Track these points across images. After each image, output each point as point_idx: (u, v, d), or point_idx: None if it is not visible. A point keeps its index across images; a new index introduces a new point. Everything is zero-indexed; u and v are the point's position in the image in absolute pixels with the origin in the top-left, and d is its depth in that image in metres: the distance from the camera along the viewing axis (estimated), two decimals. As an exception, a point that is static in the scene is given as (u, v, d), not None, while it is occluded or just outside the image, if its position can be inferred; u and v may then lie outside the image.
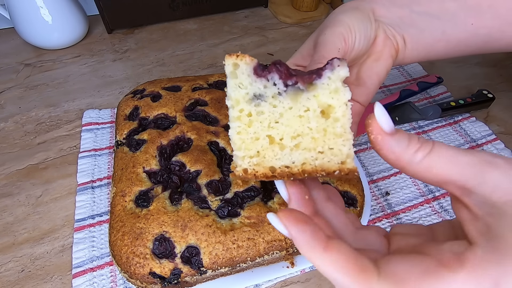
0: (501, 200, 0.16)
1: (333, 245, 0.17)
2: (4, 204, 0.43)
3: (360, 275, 0.16)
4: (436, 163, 0.17)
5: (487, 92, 0.57)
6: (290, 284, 0.38)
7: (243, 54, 0.19)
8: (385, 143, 0.18)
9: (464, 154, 0.17)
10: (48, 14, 0.59)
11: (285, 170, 0.19)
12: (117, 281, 0.37)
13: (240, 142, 0.19)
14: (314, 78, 0.19)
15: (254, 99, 0.19)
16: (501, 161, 0.17)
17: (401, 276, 0.16)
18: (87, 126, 0.51)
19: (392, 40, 0.33)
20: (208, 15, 0.77)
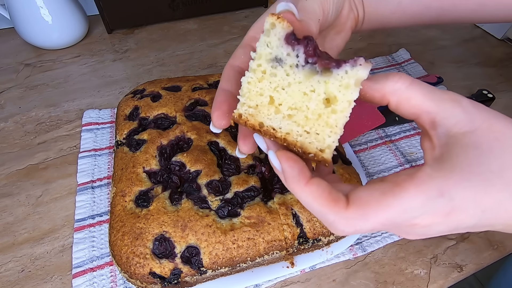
0: (460, 131, 0.19)
1: (314, 181, 0.20)
2: (4, 204, 0.43)
3: (331, 203, 0.20)
4: (415, 95, 0.20)
5: (487, 92, 0.57)
6: (290, 284, 0.38)
7: (284, 18, 0.20)
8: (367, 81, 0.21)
9: (437, 91, 0.20)
10: (48, 14, 0.59)
11: (270, 130, 0.21)
12: (117, 281, 0.37)
13: (247, 91, 0.21)
14: (333, 66, 0.19)
15: (274, 60, 0.20)
16: (465, 101, 0.20)
17: (364, 199, 0.19)
18: (87, 126, 0.51)
19: (354, 12, 0.33)
20: (208, 15, 0.77)
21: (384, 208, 0.19)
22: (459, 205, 0.18)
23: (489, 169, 0.18)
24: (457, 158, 0.19)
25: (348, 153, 0.48)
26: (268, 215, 0.35)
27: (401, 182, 0.19)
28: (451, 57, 0.70)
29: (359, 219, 0.19)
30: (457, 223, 0.19)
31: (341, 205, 0.20)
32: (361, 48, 0.71)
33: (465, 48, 0.72)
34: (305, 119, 0.20)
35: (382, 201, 0.19)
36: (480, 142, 0.19)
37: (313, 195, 0.20)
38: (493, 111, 0.20)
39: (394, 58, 0.68)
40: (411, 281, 0.38)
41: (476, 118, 0.19)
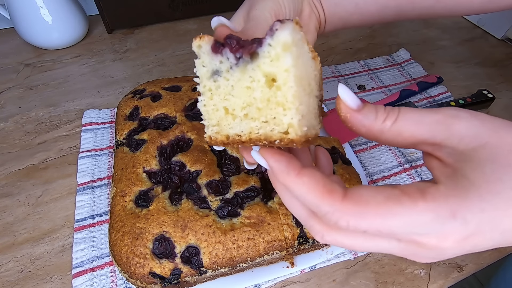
0: (468, 147, 0.17)
1: (306, 171, 0.19)
2: (4, 204, 0.43)
3: (326, 195, 0.18)
4: (404, 127, 0.19)
5: (487, 92, 0.57)
6: (290, 284, 0.38)
7: (205, 34, 0.20)
8: (355, 119, 0.19)
9: (429, 113, 0.18)
10: (48, 14, 0.59)
11: (236, 138, 0.21)
12: (117, 281, 0.37)
13: (206, 113, 0.21)
14: (256, 47, 0.18)
15: (213, 74, 0.20)
16: (464, 114, 0.18)
17: (365, 198, 0.17)
18: (87, 126, 0.51)
19: (315, 13, 0.33)
20: (208, 15, 0.77)
21: (385, 212, 0.17)
22: (475, 229, 0.17)
23: (509, 186, 0.16)
24: (473, 174, 0.17)
25: (348, 153, 0.48)
26: (268, 215, 0.35)
27: (411, 193, 0.17)
28: (451, 57, 0.70)
29: (354, 215, 0.17)
30: (472, 246, 0.18)
31: (337, 197, 0.18)
32: (361, 48, 0.71)
33: (465, 48, 0.72)
34: (258, 111, 0.20)
35: (385, 205, 0.17)
36: (496, 155, 0.17)
37: (306, 185, 0.19)
38: (497, 120, 0.18)
39: (394, 58, 0.68)
40: (411, 281, 0.38)
41: (482, 131, 0.17)
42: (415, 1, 0.34)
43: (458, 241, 0.17)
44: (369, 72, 0.65)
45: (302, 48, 0.19)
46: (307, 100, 0.20)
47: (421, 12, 0.35)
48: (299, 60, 0.19)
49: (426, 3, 0.34)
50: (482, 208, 0.16)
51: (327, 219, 0.18)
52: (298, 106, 0.18)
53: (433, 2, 0.34)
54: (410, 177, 0.48)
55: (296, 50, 0.18)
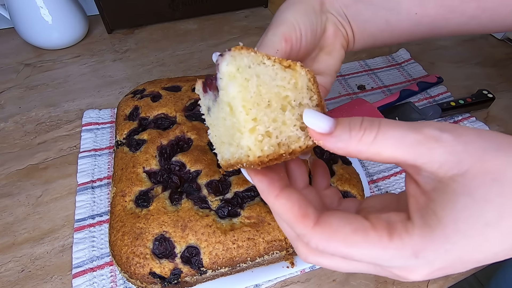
0: (447, 175, 0.17)
1: (284, 193, 0.20)
2: (4, 204, 0.43)
3: (299, 219, 0.19)
4: (383, 148, 0.17)
5: (487, 92, 0.57)
6: (290, 284, 0.38)
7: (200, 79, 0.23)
8: (329, 144, 0.18)
9: (411, 132, 0.17)
10: (48, 14, 0.59)
11: (229, 162, 0.22)
12: (117, 281, 0.37)
13: (214, 143, 0.24)
14: (215, 82, 0.20)
15: (207, 110, 0.23)
16: (447, 137, 0.17)
17: (334, 227, 0.18)
18: (87, 126, 0.51)
19: (341, 32, 0.33)
20: (208, 15, 0.77)
21: (350, 244, 0.18)
22: (442, 265, 0.17)
23: (483, 221, 0.16)
24: (443, 211, 0.16)
25: (348, 153, 0.48)
26: (268, 215, 0.35)
27: (379, 228, 0.17)
28: (451, 57, 0.70)
29: (322, 241, 0.18)
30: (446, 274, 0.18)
31: (308, 222, 0.19)
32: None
33: (465, 48, 0.72)
34: (231, 137, 0.21)
35: (350, 237, 0.18)
36: (473, 187, 0.16)
37: (283, 207, 0.20)
38: (486, 143, 0.17)
39: (394, 58, 0.68)
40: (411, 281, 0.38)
41: (464, 157, 0.16)
42: (449, 18, 0.32)
43: (425, 275, 0.17)
44: (369, 72, 0.65)
45: (256, 68, 0.20)
46: (274, 116, 0.20)
47: (454, 28, 0.34)
48: (253, 82, 0.19)
49: (460, 20, 0.33)
50: (447, 249, 0.16)
51: (301, 239, 0.20)
52: (252, 128, 0.19)
53: (468, 18, 0.32)
54: (410, 177, 0.48)
55: (243, 75, 0.19)
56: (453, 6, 0.32)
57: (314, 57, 0.33)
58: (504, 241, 0.16)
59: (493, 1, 0.31)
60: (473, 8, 0.31)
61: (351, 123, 0.18)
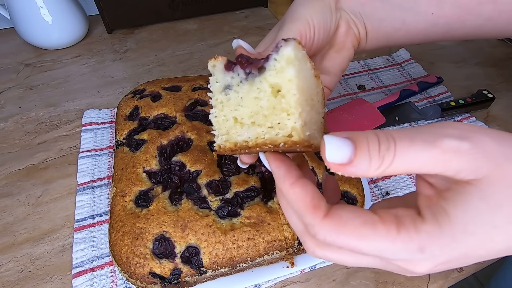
0: (464, 179, 0.17)
1: (300, 182, 0.20)
2: (4, 204, 0.43)
3: (310, 209, 0.19)
4: (401, 167, 0.17)
5: (487, 92, 0.57)
6: (290, 284, 0.38)
7: (219, 55, 0.23)
8: (348, 172, 0.18)
9: (427, 148, 0.17)
10: (48, 14, 0.59)
11: (243, 144, 0.22)
12: (117, 281, 0.37)
13: (216, 124, 0.23)
14: (263, 62, 0.21)
15: (224, 89, 0.23)
16: (466, 146, 0.17)
17: (344, 220, 0.18)
18: (87, 126, 0.51)
19: (353, 30, 0.33)
20: (208, 15, 0.77)
21: (359, 236, 0.18)
22: (446, 260, 0.17)
23: (493, 225, 0.16)
24: (454, 211, 0.17)
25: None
26: (268, 215, 0.35)
27: (387, 221, 0.18)
28: (451, 57, 0.70)
29: (331, 233, 0.18)
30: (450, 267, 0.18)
31: (319, 213, 0.19)
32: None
33: (465, 48, 0.72)
34: (264, 118, 0.21)
35: (360, 229, 0.18)
36: (490, 192, 0.16)
37: (296, 195, 0.20)
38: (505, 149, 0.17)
39: (394, 58, 0.68)
40: (411, 281, 0.38)
41: (483, 165, 0.16)
42: (466, 19, 0.32)
43: (429, 269, 0.18)
44: (369, 72, 0.65)
45: (304, 64, 0.21)
46: (309, 111, 0.22)
47: (469, 31, 0.33)
48: (301, 74, 0.20)
49: (476, 22, 0.32)
50: (453, 247, 0.17)
51: (309, 230, 0.20)
52: (300, 112, 0.20)
53: (484, 20, 0.32)
54: (410, 177, 0.48)
55: (298, 64, 0.20)
56: (470, 7, 0.31)
57: (323, 54, 0.33)
58: (508, 241, 0.17)
59: (510, 4, 0.31)
60: (490, 10, 0.31)
61: (370, 149, 0.17)
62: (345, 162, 0.17)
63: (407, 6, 0.32)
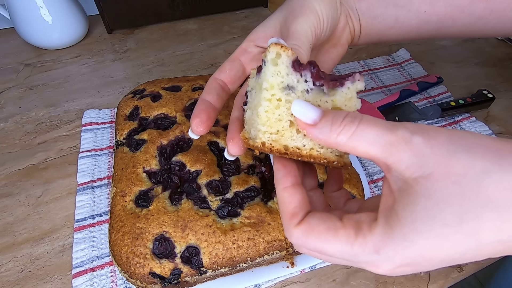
0: (412, 176, 0.17)
1: (290, 189, 0.22)
2: (4, 204, 0.43)
3: (288, 215, 0.21)
4: (359, 145, 0.19)
5: (487, 92, 0.57)
6: (290, 284, 0.38)
7: (286, 46, 0.21)
8: (311, 134, 0.20)
9: (386, 132, 0.18)
10: (48, 14, 0.59)
11: (296, 150, 0.22)
12: (117, 281, 0.37)
13: (266, 119, 0.22)
14: (338, 86, 0.22)
15: (286, 88, 0.22)
16: (417, 139, 0.17)
17: (311, 225, 0.20)
18: (87, 126, 0.51)
19: (349, 27, 0.33)
20: (208, 15, 0.77)
21: (323, 241, 0.19)
22: (404, 261, 0.18)
23: (442, 222, 0.16)
24: (403, 212, 0.17)
25: (348, 153, 0.48)
26: (268, 215, 0.35)
27: (348, 227, 0.19)
28: (451, 57, 0.70)
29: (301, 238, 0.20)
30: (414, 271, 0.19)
31: (294, 221, 0.21)
32: (361, 48, 0.71)
33: (465, 48, 0.72)
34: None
35: (323, 235, 0.20)
36: (434, 190, 0.17)
37: (282, 200, 0.22)
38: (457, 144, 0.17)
39: (394, 58, 0.68)
40: (411, 281, 0.38)
41: (430, 161, 0.17)
42: (457, 18, 0.33)
43: (389, 270, 0.19)
44: (369, 72, 0.65)
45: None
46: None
47: (460, 29, 0.34)
48: None
49: (467, 20, 0.33)
50: (404, 247, 0.17)
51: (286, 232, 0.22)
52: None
53: (475, 19, 0.33)
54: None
55: None
56: (462, 6, 0.32)
57: (319, 48, 0.33)
58: (467, 242, 0.17)
59: (502, 2, 0.31)
60: (482, 8, 0.32)
61: (334, 117, 0.19)
62: (310, 122, 0.20)
63: (401, 4, 0.32)
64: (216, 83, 0.29)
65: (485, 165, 0.16)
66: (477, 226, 0.16)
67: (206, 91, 0.29)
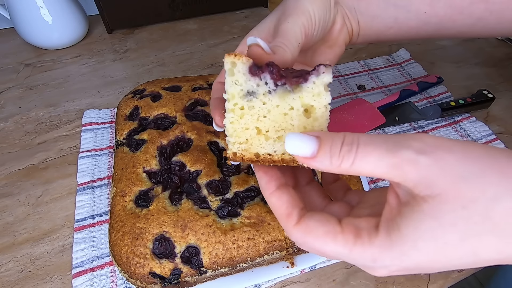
0: (420, 194, 0.17)
1: (276, 193, 0.22)
2: (4, 204, 0.43)
3: (284, 217, 0.22)
4: (363, 169, 0.19)
5: (487, 92, 0.57)
6: (290, 284, 0.38)
7: (240, 54, 0.21)
8: (312, 165, 0.20)
9: (387, 155, 0.18)
10: (48, 14, 0.58)
11: (267, 157, 0.22)
12: (117, 281, 0.37)
13: (232, 130, 0.22)
14: (301, 82, 0.21)
15: (247, 95, 0.21)
16: (424, 160, 0.17)
17: (310, 228, 0.21)
18: (87, 126, 0.51)
19: (347, 27, 0.33)
20: (208, 15, 0.77)
21: (321, 243, 0.20)
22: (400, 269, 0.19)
23: (445, 241, 0.17)
24: (405, 229, 0.18)
25: (348, 153, 0.48)
26: (268, 215, 0.35)
27: (346, 233, 0.20)
28: (451, 57, 0.70)
29: (300, 238, 0.21)
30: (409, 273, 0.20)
31: (291, 221, 0.21)
32: (361, 48, 0.71)
33: (465, 48, 0.72)
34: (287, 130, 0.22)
35: (322, 238, 0.20)
36: (442, 211, 0.17)
37: (273, 204, 0.22)
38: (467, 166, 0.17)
39: (394, 58, 0.68)
40: (411, 281, 0.38)
41: (439, 183, 0.17)
42: (457, 19, 0.33)
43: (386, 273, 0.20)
44: (369, 72, 0.65)
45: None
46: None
47: (460, 30, 0.34)
48: None
49: (467, 21, 0.33)
50: (402, 260, 0.18)
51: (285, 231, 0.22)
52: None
53: (475, 20, 0.33)
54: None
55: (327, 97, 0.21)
56: (462, 7, 0.32)
57: (315, 48, 0.33)
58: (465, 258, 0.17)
59: (502, 3, 0.31)
60: (482, 10, 0.32)
61: (332, 147, 0.19)
62: (309, 156, 0.19)
63: (401, 4, 0.32)
64: (221, 85, 0.29)
65: (497, 191, 0.16)
66: (477, 246, 0.17)
67: (213, 93, 0.29)
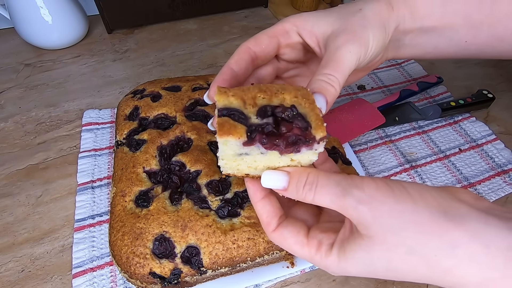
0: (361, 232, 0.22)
1: (261, 202, 0.27)
2: (4, 204, 0.43)
3: (265, 224, 0.27)
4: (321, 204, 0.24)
5: (487, 92, 0.57)
6: (290, 284, 0.38)
7: (233, 131, 0.21)
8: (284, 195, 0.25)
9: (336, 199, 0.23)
10: (48, 14, 0.58)
11: (256, 175, 0.27)
12: (117, 281, 0.37)
13: (226, 167, 0.26)
14: (293, 152, 0.23)
15: (240, 155, 0.24)
16: (363, 209, 0.22)
17: (284, 236, 0.26)
18: (87, 126, 0.51)
19: (387, 56, 0.34)
20: (208, 15, 0.77)
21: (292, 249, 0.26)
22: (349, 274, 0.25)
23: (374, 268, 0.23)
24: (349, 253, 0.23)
25: (348, 153, 0.48)
26: (268, 215, 0.35)
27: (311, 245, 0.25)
28: (451, 57, 0.70)
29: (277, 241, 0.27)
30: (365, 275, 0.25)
31: (270, 228, 0.26)
32: (361, 48, 0.71)
33: (465, 48, 0.72)
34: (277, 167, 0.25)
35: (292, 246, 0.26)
36: (372, 250, 0.22)
37: (257, 212, 0.27)
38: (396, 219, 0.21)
39: (394, 58, 0.68)
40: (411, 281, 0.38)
41: (373, 228, 0.22)
42: (497, 45, 0.33)
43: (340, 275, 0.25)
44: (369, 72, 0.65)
45: None
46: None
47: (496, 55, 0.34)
48: None
49: (507, 48, 0.33)
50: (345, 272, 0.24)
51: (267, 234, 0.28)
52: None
53: None
54: (410, 177, 0.48)
55: None
56: (504, 36, 0.32)
57: None
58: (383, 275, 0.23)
59: None
60: None
61: (297, 184, 0.24)
62: (281, 188, 0.25)
63: (446, 34, 0.32)
64: (248, 54, 0.28)
65: (412, 245, 0.21)
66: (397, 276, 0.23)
67: (235, 59, 0.28)
